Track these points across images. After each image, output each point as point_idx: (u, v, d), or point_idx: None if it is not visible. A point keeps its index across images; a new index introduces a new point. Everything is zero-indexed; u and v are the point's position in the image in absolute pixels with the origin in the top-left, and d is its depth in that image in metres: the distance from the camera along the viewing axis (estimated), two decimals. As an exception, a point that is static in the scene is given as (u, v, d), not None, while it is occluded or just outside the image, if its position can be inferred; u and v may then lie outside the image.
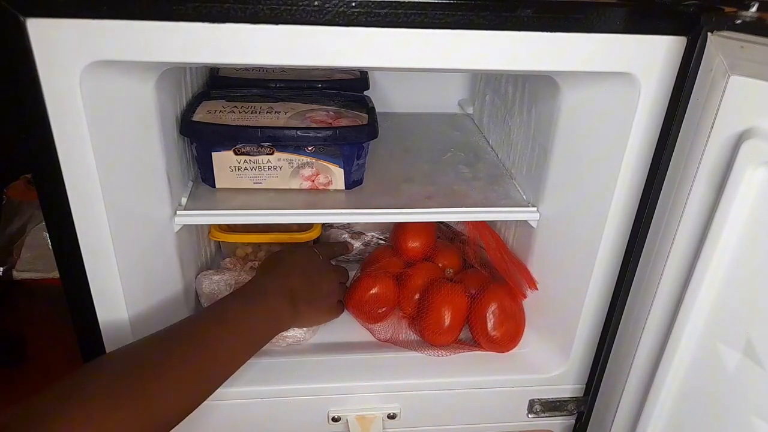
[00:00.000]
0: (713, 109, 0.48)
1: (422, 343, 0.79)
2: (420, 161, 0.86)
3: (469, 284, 0.82)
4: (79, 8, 0.48)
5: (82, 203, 0.56)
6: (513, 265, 0.82)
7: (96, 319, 0.63)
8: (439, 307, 0.78)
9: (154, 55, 0.51)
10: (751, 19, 0.47)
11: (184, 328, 0.61)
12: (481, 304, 0.79)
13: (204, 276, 0.81)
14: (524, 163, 0.79)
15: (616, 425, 0.66)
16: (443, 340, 0.79)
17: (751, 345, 0.51)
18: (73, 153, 0.54)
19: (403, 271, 0.85)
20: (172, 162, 0.69)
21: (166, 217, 0.68)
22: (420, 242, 0.88)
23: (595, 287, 0.68)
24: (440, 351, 0.78)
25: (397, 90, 1.07)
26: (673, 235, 0.54)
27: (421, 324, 0.79)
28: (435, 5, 0.50)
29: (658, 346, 0.58)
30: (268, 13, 0.49)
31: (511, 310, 0.79)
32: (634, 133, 0.58)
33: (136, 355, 0.56)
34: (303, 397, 0.75)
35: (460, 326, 0.80)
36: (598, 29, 0.53)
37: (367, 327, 0.82)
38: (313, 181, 0.76)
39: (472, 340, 0.81)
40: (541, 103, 0.72)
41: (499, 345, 0.79)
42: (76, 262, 0.59)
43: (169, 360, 0.56)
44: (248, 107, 0.76)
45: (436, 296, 0.79)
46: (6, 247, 0.98)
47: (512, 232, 0.87)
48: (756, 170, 0.46)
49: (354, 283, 0.84)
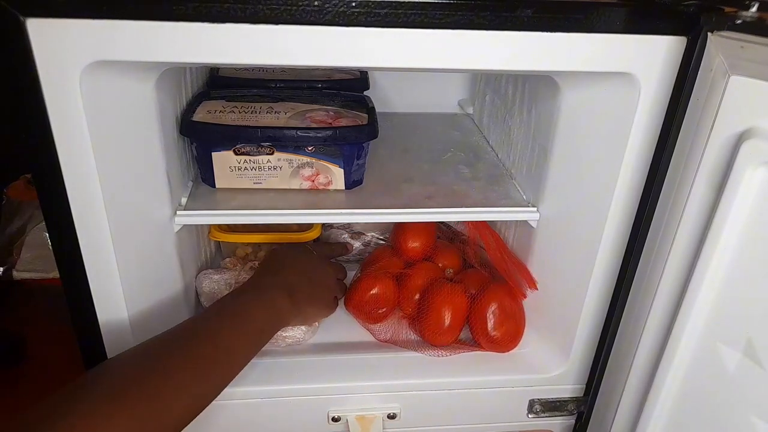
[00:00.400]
0: (713, 109, 0.48)
1: (422, 343, 0.79)
2: (420, 161, 0.86)
3: (469, 284, 0.82)
4: (79, 8, 0.47)
5: (82, 203, 0.56)
6: (513, 265, 0.82)
7: (96, 319, 0.63)
8: (439, 308, 0.78)
9: (154, 55, 0.51)
10: (751, 19, 0.47)
11: (187, 327, 0.61)
12: (481, 304, 0.79)
13: (204, 275, 0.81)
14: (524, 163, 0.79)
15: (616, 425, 0.66)
16: (443, 341, 0.79)
17: (751, 345, 0.51)
18: (73, 153, 0.53)
19: (403, 272, 0.85)
20: (172, 162, 0.69)
21: (166, 217, 0.68)
22: (420, 242, 0.88)
23: (595, 287, 0.68)
24: (440, 351, 0.78)
25: (397, 90, 1.07)
26: (673, 235, 0.54)
27: (421, 324, 0.79)
28: (435, 5, 0.50)
29: (658, 346, 0.58)
30: (268, 13, 0.49)
31: (511, 309, 0.79)
32: (634, 133, 0.58)
33: (142, 356, 0.56)
34: (303, 397, 0.75)
35: (460, 326, 0.80)
36: (598, 29, 0.53)
37: (367, 327, 0.82)
38: (313, 181, 0.76)
39: (472, 340, 0.81)
40: (541, 103, 0.72)
41: (499, 345, 0.79)
42: (76, 262, 0.59)
43: (175, 360, 0.56)
44: (248, 107, 0.76)
45: (436, 296, 0.79)
46: (6, 247, 0.98)
47: (512, 232, 0.87)
48: (756, 170, 0.46)
49: (354, 283, 0.84)
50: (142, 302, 0.67)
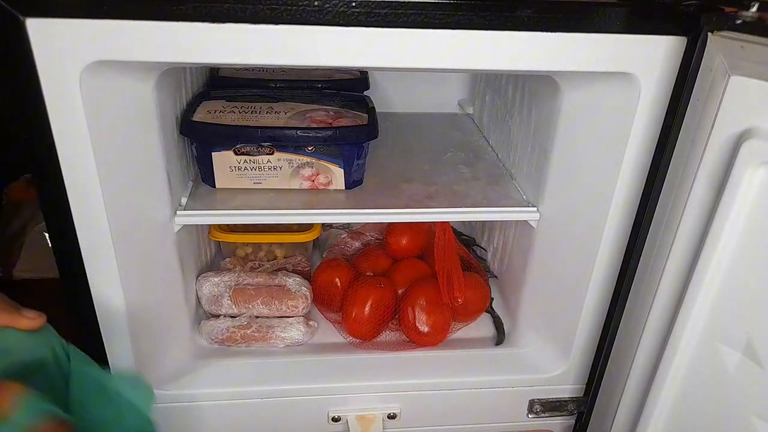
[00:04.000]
0: (713, 109, 0.48)
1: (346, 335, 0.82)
2: (420, 161, 0.86)
3: (400, 282, 0.85)
4: (79, 8, 0.48)
5: (82, 203, 0.56)
6: (452, 269, 0.83)
7: (96, 319, 0.63)
8: (355, 299, 0.80)
9: (154, 55, 0.51)
10: (752, 19, 0.47)
11: None
12: (408, 298, 0.81)
13: (204, 278, 0.81)
14: (524, 163, 0.79)
15: (616, 425, 0.66)
16: (360, 330, 0.80)
17: (751, 345, 0.51)
18: (73, 153, 0.53)
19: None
20: (172, 162, 0.69)
21: (166, 217, 0.68)
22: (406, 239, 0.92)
23: (595, 287, 0.68)
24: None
25: (397, 90, 1.07)
26: (673, 235, 0.54)
27: (342, 314, 0.82)
28: (435, 5, 0.50)
29: (658, 346, 0.58)
30: (268, 13, 0.49)
31: (437, 304, 0.80)
32: (634, 133, 0.58)
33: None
34: (303, 397, 0.75)
35: (382, 318, 0.81)
36: (598, 29, 0.53)
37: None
38: (313, 181, 0.76)
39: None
40: (541, 103, 0.72)
41: (426, 338, 0.80)
42: (76, 262, 0.59)
43: None
44: (248, 107, 0.76)
45: (357, 290, 0.82)
46: (6, 247, 0.98)
47: (512, 232, 0.87)
48: (756, 170, 0.46)
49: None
50: (142, 302, 0.66)
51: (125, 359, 0.67)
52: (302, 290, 0.81)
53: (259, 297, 0.80)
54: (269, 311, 0.80)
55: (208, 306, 0.81)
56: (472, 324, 0.85)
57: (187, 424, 0.74)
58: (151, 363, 0.70)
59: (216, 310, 0.80)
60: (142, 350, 0.67)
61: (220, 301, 0.80)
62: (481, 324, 0.86)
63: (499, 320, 0.86)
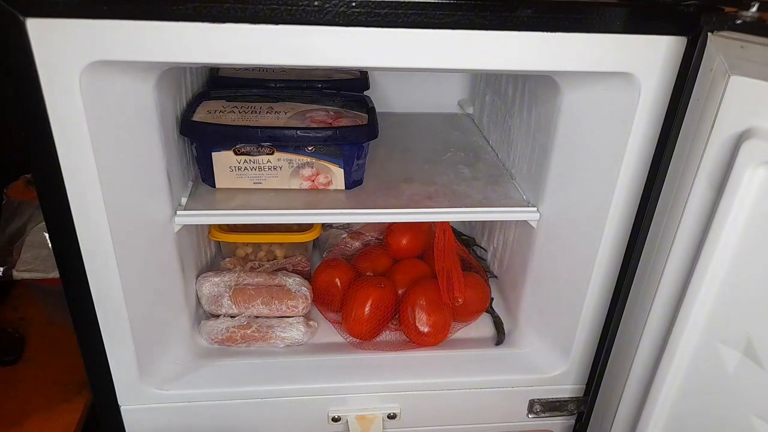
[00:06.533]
0: (713, 109, 0.48)
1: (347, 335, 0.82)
2: (420, 161, 0.86)
3: (401, 282, 0.85)
4: (78, 8, 0.48)
5: (82, 203, 0.56)
6: (452, 269, 0.83)
7: (96, 319, 0.63)
8: (356, 298, 0.80)
9: (154, 55, 0.51)
10: (752, 19, 0.47)
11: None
12: (408, 298, 0.81)
13: (204, 278, 0.81)
14: (524, 163, 0.79)
15: (616, 425, 0.66)
16: (360, 330, 0.80)
17: (751, 345, 0.51)
18: (73, 153, 0.54)
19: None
20: (172, 162, 0.69)
21: (166, 217, 0.68)
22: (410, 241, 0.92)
23: (595, 287, 0.68)
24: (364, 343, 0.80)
25: (397, 90, 1.07)
26: (673, 235, 0.54)
27: (343, 313, 0.82)
28: (435, 5, 0.50)
29: (658, 346, 0.58)
30: (268, 13, 0.49)
31: (437, 304, 0.80)
32: (634, 133, 0.58)
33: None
34: (303, 397, 0.75)
35: (382, 318, 0.81)
36: (598, 29, 0.53)
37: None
38: (313, 181, 0.76)
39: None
40: (541, 103, 0.72)
41: (426, 338, 0.80)
42: (76, 262, 0.59)
43: None
44: (248, 107, 0.76)
45: (357, 289, 0.82)
46: (6, 247, 0.98)
47: (512, 232, 0.87)
48: (756, 170, 0.46)
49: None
50: (142, 302, 0.66)
51: (125, 359, 0.67)
52: (302, 290, 0.81)
53: (259, 297, 0.80)
54: (269, 311, 0.80)
55: (208, 306, 0.81)
56: (472, 324, 0.85)
57: (187, 424, 0.74)
58: (151, 363, 0.70)
59: (216, 310, 0.80)
60: (142, 350, 0.67)
61: (220, 301, 0.80)
62: (481, 324, 0.86)
63: (499, 320, 0.86)
